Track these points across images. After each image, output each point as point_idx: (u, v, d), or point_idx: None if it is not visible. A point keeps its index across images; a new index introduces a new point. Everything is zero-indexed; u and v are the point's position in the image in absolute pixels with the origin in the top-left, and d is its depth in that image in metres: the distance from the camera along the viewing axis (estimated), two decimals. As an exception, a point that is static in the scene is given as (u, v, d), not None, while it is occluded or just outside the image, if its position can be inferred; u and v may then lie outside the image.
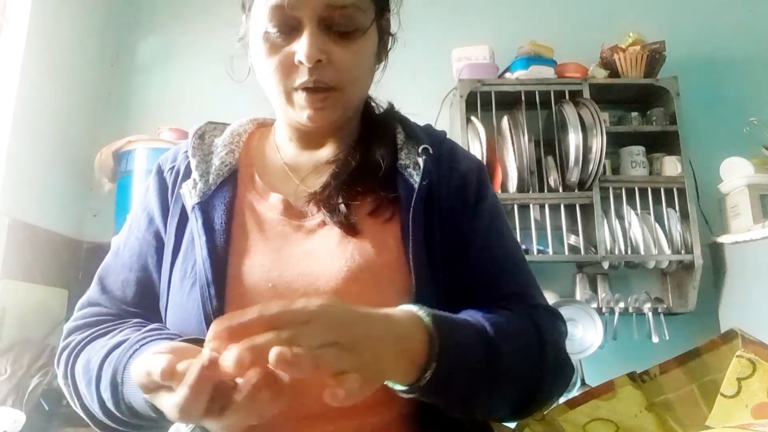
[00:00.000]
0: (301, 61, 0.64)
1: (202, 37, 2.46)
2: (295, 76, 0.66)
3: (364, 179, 0.70)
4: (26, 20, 1.94)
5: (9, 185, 1.84)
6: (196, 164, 0.72)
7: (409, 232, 0.65)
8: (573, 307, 1.89)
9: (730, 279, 1.98)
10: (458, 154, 0.77)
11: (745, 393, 0.50)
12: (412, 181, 0.69)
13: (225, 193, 0.70)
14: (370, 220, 0.69)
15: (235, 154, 0.75)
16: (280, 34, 0.66)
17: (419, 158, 0.71)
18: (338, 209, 0.68)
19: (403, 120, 0.79)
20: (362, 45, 0.68)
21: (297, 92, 0.67)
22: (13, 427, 1.49)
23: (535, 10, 2.45)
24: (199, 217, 0.67)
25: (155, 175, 0.77)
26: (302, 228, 0.69)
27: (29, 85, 1.94)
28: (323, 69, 0.65)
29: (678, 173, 2.05)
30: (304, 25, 0.65)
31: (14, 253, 1.82)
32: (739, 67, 2.37)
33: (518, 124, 2.03)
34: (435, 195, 0.69)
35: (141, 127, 2.24)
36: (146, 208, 0.75)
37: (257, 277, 0.64)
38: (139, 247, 0.73)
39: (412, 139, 0.74)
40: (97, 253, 2.13)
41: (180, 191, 0.71)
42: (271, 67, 0.67)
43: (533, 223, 2.03)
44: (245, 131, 0.80)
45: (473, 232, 0.71)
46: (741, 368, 0.50)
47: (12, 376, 1.62)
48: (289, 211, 0.70)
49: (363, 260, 0.65)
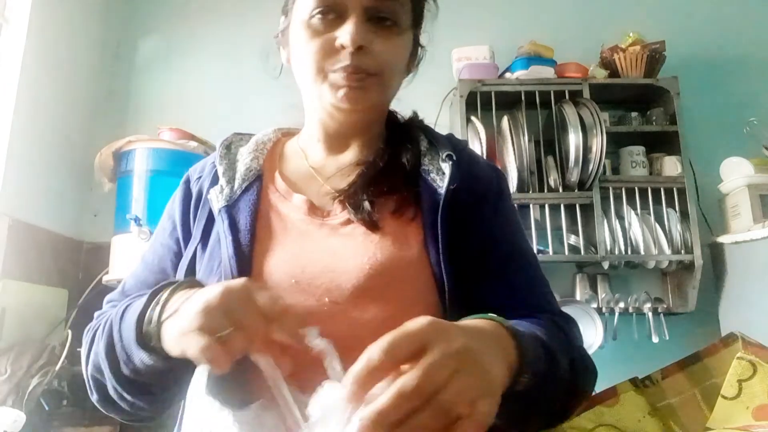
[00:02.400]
0: (343, 45, 0.67)
1: (202, 36, 2.46)
2: (334, 59, 0.68)
3: (390, 180, 0.73)
4: (26, 20, 1.94)
5: (9, 185, 1.84)
6: (223, 171, 0.76)
7: (437, 232, 0.67)
8: (573, 307, 1.90)
9: (730, 279, 1.98)
10: (479, 162, 0.81)
11: (746, 395, 0.50)
12: (435, 185, 0.72)
13: (250, 197, 0.74)
14: (392, 219, 0.71)
15: (259, 160, 0.79)
16: (323, 21, 0.69)
17: (443, 164, 0.73)
18: (363, 206, 0.70)
19: (427, 128, 0.82)
20: (400, 41, 0.72)
21: (335, 72, 0.69)
22: (13, 427, 1.49)
23: (535, 10, 2.46)
24: (225, 219, 0.71)
25: (182, 184, 0.81)
26: (325, 226, 0.71)
27: (29, 85, 1.94)
28: (363, 56, 0.68)
29: (678, 173, 2.05)
30: (349, 12, 0.68)
31: (14, 253, 1.82)
32: (739, 67, 2.37)
33: (518, 124, 2.03)
34: (459, 199, 0.71)
35: (141, 127, 2.24)
36: (171, 216, 0.80)
37: (281, 273, 0.67)
38: (162, 251, 0.78)
39: (435, 146, 0.77)
40: (97, 253, 2.14)
41: (208, 196, 0.75)
42: (312, 49, 0.69)
43: (533, 223, 2.03)
44: (269, 140, 0.84)
45: (495, 238, 0.73)
46: (742, 370, 0.50)
47: (12, 376, 1.62)
48: (313, 211, 0.73)
49: (384, 258, 0.67)
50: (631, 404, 0.59)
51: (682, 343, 1.98)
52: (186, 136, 2.06)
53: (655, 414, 0.58)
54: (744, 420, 0.49)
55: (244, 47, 2.44)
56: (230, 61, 2.44)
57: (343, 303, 0.65)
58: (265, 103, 2.37)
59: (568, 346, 0.65)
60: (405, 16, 0.71)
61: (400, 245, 0.68)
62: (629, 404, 0.59)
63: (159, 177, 1.93)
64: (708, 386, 0.57)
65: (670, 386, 0.59)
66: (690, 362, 0.59)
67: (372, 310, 0.64)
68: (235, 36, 2.46)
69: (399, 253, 0.67)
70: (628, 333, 1.99)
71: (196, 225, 0.75)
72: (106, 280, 1.92)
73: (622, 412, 0.59)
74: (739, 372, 0.50)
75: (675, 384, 0.59)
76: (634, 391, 0.59)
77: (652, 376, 0.60)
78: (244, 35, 2.45)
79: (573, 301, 1.94)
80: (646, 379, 0.60)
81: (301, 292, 0.65)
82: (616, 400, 0.59)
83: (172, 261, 0.76)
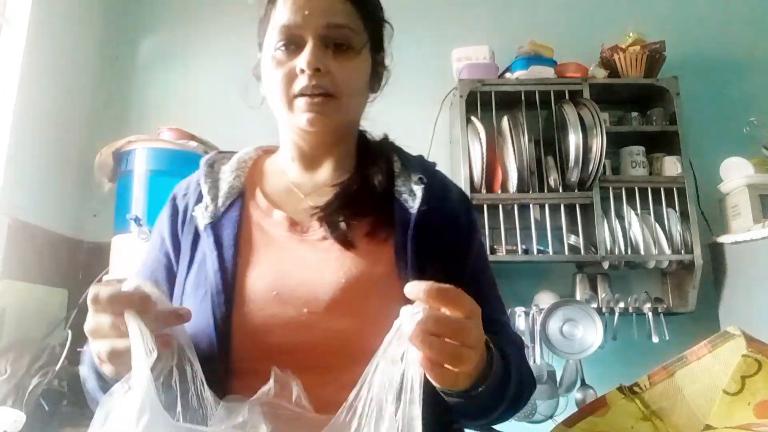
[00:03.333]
0: (302, 68, 0.74)
1: (202, 37, 2.46)
2: (296, 83, 0.76)
3: (364, 202, 0.79)
4: (26, 20, 1.94)
5: (9, 185, 1.83)
6: (208, 189, 0.81)
7: (406, 251, 0.73)
8: (573, 307, 1.90)
9: (730, 279, 1.98)
10: (449, 185, 0.87)
11: (749, 390, 0.50)
12: (407, 206, 0.78)
13: (233, 214, 0.79)
14: (366, 240, 0.76)
15: (241, 178, 0.85)
16: (285, 52, 0.77)
17: (415, 186, 0.80)
18: (339, 227, 0.76)
19: (399, 150, 0.88)
20: (356, 63, 0.79)
21: (298, 98, 0.76)
22: (13, 427, 1.49)
23: (535, 10, 2.46)
24: (210, 235, 0.76)
25: (169, 202, 0.87)
26: (304, 241, 0.77)
27: (29, 85, 1.94)
28: (321, 77, 0.75)
29: (678, 173, 2.05)
30: (306, 41, 0.76)
31: (14, 253, 1.82)
32: (739, 67, 2.37)
33: (518, 124, 2.03)
34: (429, 220, 0.77)
35: (141, 127, 2.24)
36: (160, 231, 0.85)
37: (263, 286, 0.72)
38: (153, 265, 0.83)
39: (408, 169, 0.84)
40: (97, 253, 2.13)
41: (193, 214, 0.80)
42: (277, 78, 0.77)
43: (533, 223, 2.03)
44: (250, 158, 0.90)
45: (465, 259, 0.81)
46: (747, 367, 0.50)
47: (12, 376, 1.62)
48: (293, 226, 0.78)
49: (359, 273, 0.73)
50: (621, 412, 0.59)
51: (682, 343, 1.94)
52: (186, 136, 2.06)
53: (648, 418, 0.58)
54: (746, 416, 0.49)
55: (244, 47, 2.44)
56: (230, 61, 2.43)
57: (319, 313, 0.70)
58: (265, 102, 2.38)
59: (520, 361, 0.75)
60: (359, 40, 0.79)
61: (373, 263, 0.74)
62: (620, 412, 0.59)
63: (159, 177, 1.93)
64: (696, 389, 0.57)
65: (658, 391, 0.59)
66: (676, 366, 0.59)
67: (345, 321, 0.70)
68: (235, 36, 2.45)
69: (372, 269, 0.73)
70: (628, 333, 1.98)
71: (183, 240, 0.80)
72: (106, 280, 1.92)
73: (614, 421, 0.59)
74: (743, 368, 0.50)
75: (664, 389, 0.59)
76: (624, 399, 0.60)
77: (639, 383, 0.61)
78: (244, 35, 2.45)
79: (573, 301, 1.94)
80: (634, 386, 0.61)
81: (283, 303, 0.70)
82: (606, 410, 0.60)
83: (162, 273, 0.81)
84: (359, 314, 0.70)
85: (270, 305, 0.70)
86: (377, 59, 0.85)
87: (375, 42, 0.84)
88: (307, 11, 0.76)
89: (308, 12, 0.76)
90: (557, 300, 1.94)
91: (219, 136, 2.20)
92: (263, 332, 0.70)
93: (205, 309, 0.71)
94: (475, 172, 2.02)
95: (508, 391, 0.69)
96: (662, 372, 0.60)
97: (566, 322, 1.88)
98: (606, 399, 0.61)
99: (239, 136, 2.30)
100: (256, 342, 0.70)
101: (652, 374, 0.60)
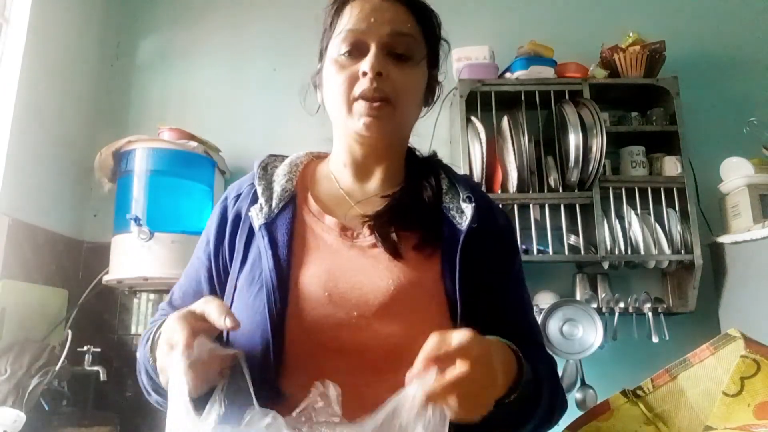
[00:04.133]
0: (365, 71, 0.77)
1: (202, 37, 2.46)
2: (357, 86, 0.79)
3: (413, 216, 0.82)
4: (26, 20, 1.94)
5: (9, 185, 1.84)
6: (262, 191, 0.84)
7: (455, 266, 0.76)
8: (573, 307, 1.90)
9: (730, 279, 1.98)
10: (493, 205, 0.90)
11: (748, 392, 0.50)
12: (455, 221, 0.81)
13: (286, 215, 0.82)
14: (413, 252, 0.79)
15: (293, 181, 0.87)
16: (349, 57, 0.80)
17: (463, 204, 0.83)
18: (389, 237, 0.79)
19: (446, 167, 0.92)
20: (414, 73, 0.82)
21: (357, 102, 0.79)
22: (13, 427, 1.49)
23: (535, 10, 2.46)
24: (265, 235, 0.79)
25: (220, 203, 0.90)
26: (355, 247, 0.80)
27: (29, 85, 1.94)
28: (382, 82, 0.78)
29: (678, 173, 2.05)
30: (370, 47, 0.79)
31: (14, 253, 1.82)
32: (739, 67, 2.37)
33: (518, 124, 2.03)
34: (476, 238, 0.80)
35: (141, 127, 2.24)
36: (207, 232, 0.88)
37: (315, 286, 0.75)
38: (197, 264, 0.87)
39: (455, 187, 0.87)
40: (97, 253, 2.14)
41: (249, 214, 0.83)
42: (339, 81, 0.80)
43: (533, 223, 2.03)
44: (301, 162, 0.92)
45: (507, 279, 0.84)
46: (745, 368, 0.50)
47: (12, 376, 1.62)
48: (343, 232, 0.81)
49: (407, 281, 0.76)
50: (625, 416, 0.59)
51: (682, 343, 1.95)
52: (186, 136, 2.07)
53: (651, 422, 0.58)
54: (745, 417, 0.49)
55: (245, 47, 2.45)
56: (230, 61, 2.44)
57: (369, 317, 0.73)
58: (265, 103, 2.38)
59: (553, 380, 0.79)
60: (419, 52, 0.82)
61: (420, 274, 0.77)
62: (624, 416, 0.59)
63: (159, 177, 1.93)
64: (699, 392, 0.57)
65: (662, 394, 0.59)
66: (679, 369, 0.59)
67: (392, 326, 0.73)
68: (235, 36, 2.46)
69: (419, 280, 0.76)
70: (628, 333, 1.99)
71: (238, 240, 0.83)
72: (106, 280, 1.92)
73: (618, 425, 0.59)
74: (742, 370, 0.50)
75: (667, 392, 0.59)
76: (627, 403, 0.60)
77: (643, 386, 0.61)
78: (244, 35, 2.46)
79: (573, 301, 1.94)
80: (638, 389, 0.61)
81: (333, 304, 0.73)
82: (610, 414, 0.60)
83: (204, 274, 0.85)
84: (406, 321, 0.73)
85: (322, 305, 0.73)
86: (432, 74, 0.89)
87: (432, 57, 0.87)
88: (373, 19, 0.80)
89: (374, 20, 0.79)
90: (557, 300, 1.94)
91: (219, 136, 2.20)
92: (315, 331, 0.72)
93: (260, 305, 0.73)
94: (475, 172, 2.02)
95: (540, 403, 0.72)
96: (665, 375, 0.59)
97: (566, 322, 1.88)
98: (609, 403, 0.61)
99: (239, 136, 2.32)
100: (308, 340, 0.72)
101: (655, 377, 0.60)
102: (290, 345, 0.72)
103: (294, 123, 1.91)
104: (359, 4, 0.81)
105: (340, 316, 0.73)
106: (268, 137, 2.27)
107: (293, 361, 0.71)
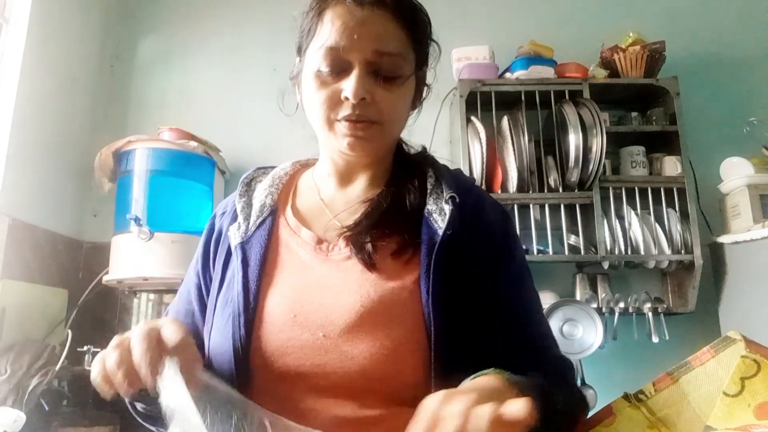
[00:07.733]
0: (347, 97, 0.72)
1: (202, 37, 2.46)
2: (339, 109, 0.74)
3: (393, 222, 0.76)
4: (26, 20, 1.94)
5: (9, 185, 1.84)
6: (242, 208, 0.82)
7: (429, 275, 0.70)
8: (573, 307, 1.90)
9: (730, 279, 1.98)
10: (485, 203, 0.82)
11: (748, 392, 0.50)
12: (436, 226, 0.74)
13: (262, 233, 0.79)
14: (391, 260, 0.74)
15: (273, 196, 0.84)
16: (330, 73, 0.73)
17: (446, 205, 0.76)
18: (365, 247, 0.74)
19: (435, 164, 0.85)
20: (403, 91, 0.76)
21: (340, 122, 0.74)
22: (13, 427, 1.49)
23: (535, 10, 2.46)
24: (239, 255, 0.76)
25: (210, 220, 0.88)
26: (328, 261, 0.75)
27: (29, 85, 1.94)
28: (366, 107, 0.73)
29: (678, 173, 2.05)
30: (353, 66, 0.72)
31: (14, 253, 1.82)
32: (739, 67, 2.37)
33: (518, 124, 2.03)
34: (458, 243, 0.73)
35: (141, 127, 2.24)
36: (198, 250, 0.86)
37: (282, 308, 0.72)
38: (189, 283, 0.86)
39: (441, 186, 0.80)
40: (97, 253, 2.14)
41: (228, 233, 0.80)
42: (320, 100, 0.74)
43: (533, 223, 2.03)
44: (286, 173, 0.89)
45: (497, 281, 0.75)
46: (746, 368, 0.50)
47: (12, 376, 1.62)
48: (319, 245, 0.77)
49: (377, 296, 0.70)
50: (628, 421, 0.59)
51: (682, 343, 1.98)
52: (186, 136, 2.06)
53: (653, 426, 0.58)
54: (746, 418, 0.49)
55: (245, 47, 2.45)
56: (231, 61, 2.44)
57: (335, 338, 0.68)
58: (265, 103, 2.38)
59: (569, 397, 0.70)
60: (407, 65, 0.76)
61: (394, 285, 0.71)
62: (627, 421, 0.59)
63: (159, 177, 1.93)
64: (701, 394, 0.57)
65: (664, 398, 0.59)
66: (681, 372, 0.59)
67: (361, 345, 0.68)
68: (235, 35, 2.46)
69: (391, 292, 0.71)
70: (628, 333, 1.99)
71: (218, 259, 0.81)
72: (106, 280, 1.92)
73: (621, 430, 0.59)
74: (742, 370, 0.50)
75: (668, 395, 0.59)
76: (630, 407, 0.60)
77: (645, 390, 0.61)
78: (244, 35, 2.46)
79: (573, 301, 1.94)
80: (639, 394, 0.61)
81: (299, 326, 0.69)
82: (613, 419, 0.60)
83: (193, 291, 0.84)
84: (376, 339, 0.68)
85: (288, 328, 0.70)
86: (420, 77, 0.82)
87: (420, 61, 0.80)
88: (356, 35, 0.72)
89: (357, 36, 0.72)
90: (557, 300, 1.94)
91: (219, 136, 2.20)
92: (280, 355, 0.69)
93: (229, 329, 0.71)
94: (475, 172, 2.02)
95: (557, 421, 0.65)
96: (667, 378, 0.59)
97: (566, 322, 1.88)
98: (612, 408, 0.60)
99: (239, 135, 2.32)
100: (273, 365, 0.69)
101: (656, 381, 0.60)
102: (256, 370, 0.69)
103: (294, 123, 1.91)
104: (341, 14, 0.73)
105: (305, 338, 0.69)
106: (267, 137, 2.27)
107: (260, 385, 0.69)
